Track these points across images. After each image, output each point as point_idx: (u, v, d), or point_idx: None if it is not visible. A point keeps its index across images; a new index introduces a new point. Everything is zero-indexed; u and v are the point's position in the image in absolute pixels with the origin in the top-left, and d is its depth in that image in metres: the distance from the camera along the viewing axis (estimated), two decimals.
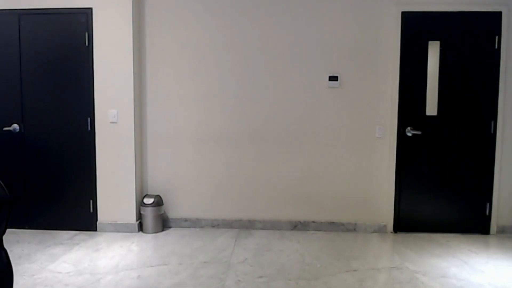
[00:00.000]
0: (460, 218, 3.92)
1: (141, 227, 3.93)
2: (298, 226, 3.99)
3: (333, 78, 3.87)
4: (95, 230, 3.90)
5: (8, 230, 1.83)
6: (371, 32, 3.85)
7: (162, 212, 3.95)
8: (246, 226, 4.02)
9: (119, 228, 3.88)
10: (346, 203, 3.96)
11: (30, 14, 3.78)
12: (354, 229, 3.97)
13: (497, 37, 3.78)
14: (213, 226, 4.04)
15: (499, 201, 3.88)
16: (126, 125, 3.82)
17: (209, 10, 3.91)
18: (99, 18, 3.75)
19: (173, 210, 4.06)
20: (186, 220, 4.05)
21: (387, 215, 3.94)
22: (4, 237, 1.81)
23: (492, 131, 3.85)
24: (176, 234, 3.85)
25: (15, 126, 3.85)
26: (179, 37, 3.94)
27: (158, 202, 3.91)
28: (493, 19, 3.77)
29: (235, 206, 4.03)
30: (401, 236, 3.86)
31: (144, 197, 3.93)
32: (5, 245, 1.80)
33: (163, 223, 3.99)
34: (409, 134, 3.86)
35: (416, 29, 3.83)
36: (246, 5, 3.89)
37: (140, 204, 3.91)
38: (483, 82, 3.83)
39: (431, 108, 3.85)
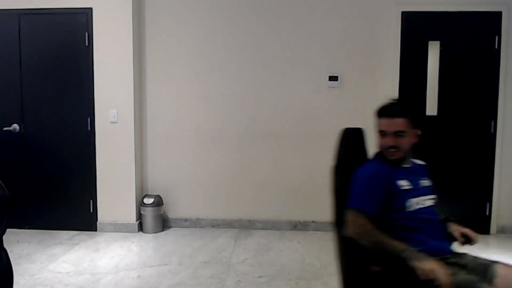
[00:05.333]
0: (460, 218, 3.89)
1: (141, 227, 3.93)
2: (298, 226, 3.99)
3: (333, 78, 3.87)
4: (95, 230, 3.90)
5: (8, 230, 1.83)
6: (371, 32, 3.84)
7: (162, 212, 3.95)
8: (246, 226, 4.01)
9: (119, 228, 3.88)
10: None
11: (30, 14, 3.78)
12: None
13: (497, 37, 3.77)
14: (213, 226, 4.04)
15: (499, 201, 3.88)
16: (126, 125, 3.82)
17: (209, 10, 3.91)
18: (99, 18, 3.75)
19: (173, 210, 4.06)
20: (186, 220, 4.05)
21: None
22: (4, 237, 1.81)
23: (492, 131, 3.84)
24: (176, 234, 3.85)
25: (15, 126, 3.84)
26: (179, 37, 3.94)
27: (158, 202, 3.91)
28: (493, 19, 3.77)
29: (235, 206, 4.03)
30: None
31: (144, 197, 3.93)
32: (5, 245, 1.80)
33: (163, 223, 3.99)
34: None
35: (416, 29, 3.83)
36: (246, 4, 3.89)
37: (140, 204, 3.91)
38: (483, 82, 3.83)
39: (431, 108, 3.85)
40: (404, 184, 1.79)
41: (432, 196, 1.86)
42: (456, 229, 1.86)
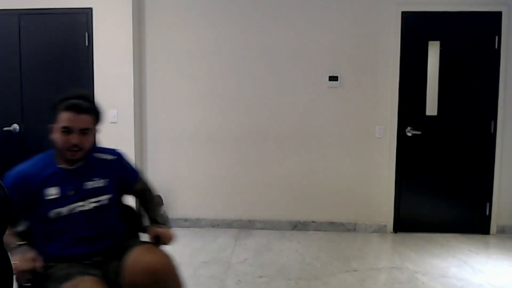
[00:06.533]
0: (460, 218, 3.92)
1: None
2: (298, 226, 3.99)
3: (333, 78, 3.87)
4: None
5: None
6: (371, 32, 3.84)
7: (162, 212, 3.95)
8: (246, 226, 4.01)
9: None
10: (346, 203, 3.96)
11: (30, 14, 3.77)
12: (354, 229, 3.96)
13: (497, 37, 3.77)
14: (213, 226, 4.04)
15: (499, 201, 3.88)
16: (126, 125, 3.82)
17: (209, 10, 3.91)
18: (99, 18, 3.75)
19: (173, 210, 4.06)
20: (186, 220, 4.05)
21: (387, 215, 3.94)
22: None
23: (492, 131, 3.84)
24: (176, 234, 3.84)
25: (15, 126, 3.84)
26: (179, 37, 3.94)
27: (158, 202, 3.90)
28: (493, 19, 3.77)
29: (235, 206, 4.03)
30: (401, 236, 3.86)
31: None
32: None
33: None
34: (409, 134, 3.86)
35: (416, 29, 3.83)
36: (247, 5, 3.89)
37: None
38: (483, 82, 3.82)
39: (431, 108, 3.85)
40: (52, 192, 1.68)
41: (99, 198, 1.77)
42: (152, 230, 1.94)
